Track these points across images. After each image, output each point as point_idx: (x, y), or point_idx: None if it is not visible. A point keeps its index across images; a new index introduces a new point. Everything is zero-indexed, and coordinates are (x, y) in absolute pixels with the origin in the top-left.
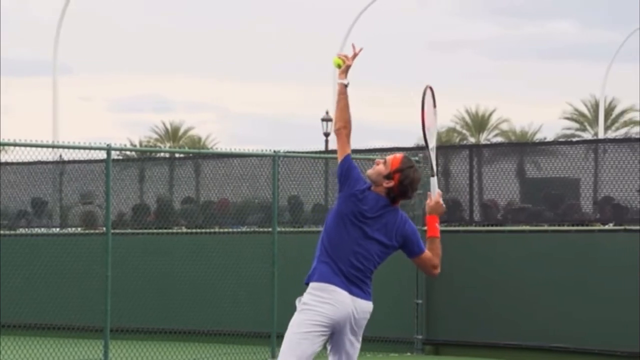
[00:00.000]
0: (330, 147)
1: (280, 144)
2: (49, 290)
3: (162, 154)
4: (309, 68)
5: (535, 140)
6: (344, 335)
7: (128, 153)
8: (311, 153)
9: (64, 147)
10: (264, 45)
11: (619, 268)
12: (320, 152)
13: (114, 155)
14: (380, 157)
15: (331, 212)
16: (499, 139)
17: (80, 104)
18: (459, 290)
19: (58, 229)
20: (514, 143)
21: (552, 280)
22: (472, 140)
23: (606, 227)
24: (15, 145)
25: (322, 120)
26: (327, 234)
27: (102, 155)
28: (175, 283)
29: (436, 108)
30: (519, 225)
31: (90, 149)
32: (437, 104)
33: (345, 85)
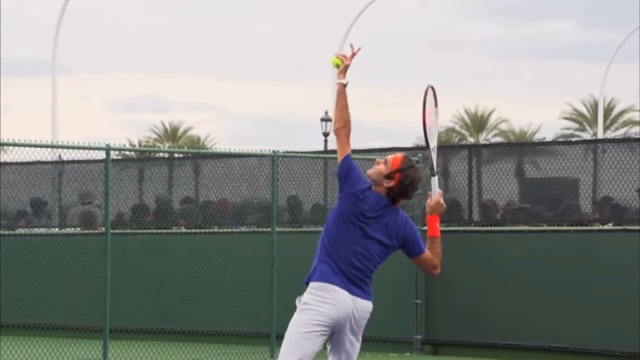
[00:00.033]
0: (329, 147)
1: (279, 144)
2: (48, 290)
3: (161, 154)
4: (308, 68)
5: (535, 140)
6: (343, 335)
7: (127, 153)
8: (310, 153)
9: (63, 147)
10: (263, 45)
11: (618, 268)
12: (319, 152)
13: (113, 155)
14: (380, 157)
15: (332, 212)
16: (498, 139)
17: (79, 103)
18: (458, 290)
19: (57, 229)
20: (513, 143)
21: (551, 280)
22: (471, 140)
23: (605, 227)
24: (15, 145)
25: (322, 120)
26: (328, 234)
27: (101, 155)
28: (174, 283)
29: (437, 107)
30: (518, 225)
31: (90, 149)
32: (438, 104)
33: (344, 85)
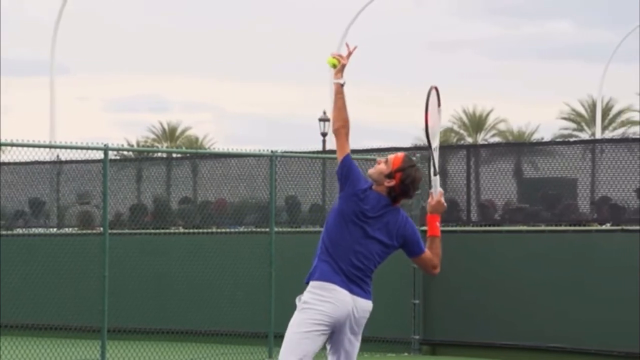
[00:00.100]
0: (327, 147)
1: (277, 144)
2: (46, 290)
3: (160, 154)
4: (307, 68)
5: (533, 140)
6: (343, 334)
7: (125, 153)
8: (309, 153)
9: (61, 147)
10: (262, 45)
11: (616, 268)
12: (317, 152)
13: (111, 155)
14: (379, 157)
15: (332, 211)
16: (497, 139)
17: (77, 104)
18: (456, 290)
19: (55, 229)
20: (512, 143)
21: (550, 280)
22: (470, 140)
23: (603, 228)
24: (13, 145)
25: (320, 120)
26: (328, 233)
27: (100, 155)
28: (172, 283)
29: (440, 107)
30: (516, 226)
31: (88, 149)
32: (441, 104)
33: (342, 85)
